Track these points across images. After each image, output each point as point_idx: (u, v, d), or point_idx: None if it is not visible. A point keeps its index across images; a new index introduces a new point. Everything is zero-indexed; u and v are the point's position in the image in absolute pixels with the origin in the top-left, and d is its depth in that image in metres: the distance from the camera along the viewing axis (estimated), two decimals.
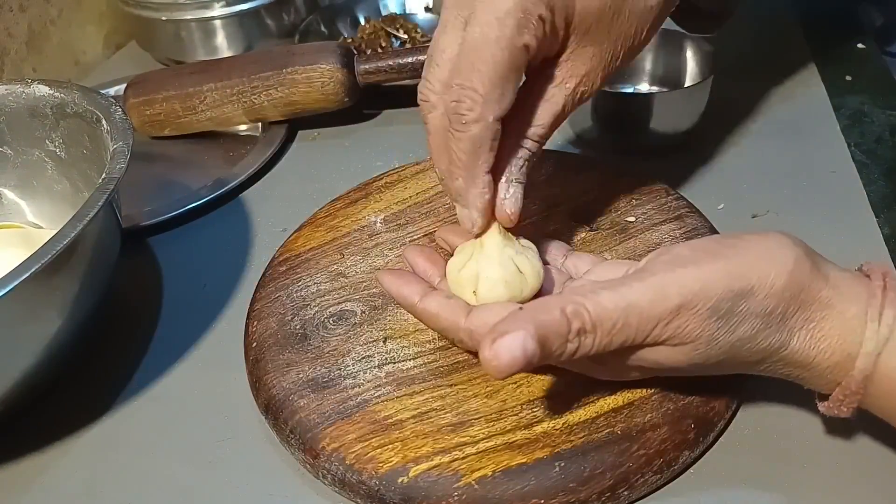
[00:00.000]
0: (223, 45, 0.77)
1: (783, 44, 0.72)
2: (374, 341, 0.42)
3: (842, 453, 0.37)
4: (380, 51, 0.72)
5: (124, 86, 0.67)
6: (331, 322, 0.44)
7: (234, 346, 0.45)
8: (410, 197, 0.52)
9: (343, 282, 0.46)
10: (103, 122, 0.46)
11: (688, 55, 0.60)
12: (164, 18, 0.75)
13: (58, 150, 0.52)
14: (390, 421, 0.37)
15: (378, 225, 0.50)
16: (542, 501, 0.34)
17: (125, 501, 0.39)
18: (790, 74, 0.66)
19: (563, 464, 0.35)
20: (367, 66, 0.62)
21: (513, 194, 0.37)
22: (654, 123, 0.55)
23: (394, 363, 0.41)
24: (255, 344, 0.43)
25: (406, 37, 0.75)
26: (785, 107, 0.62)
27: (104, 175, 0.42)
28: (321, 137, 0.66)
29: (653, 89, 0.62)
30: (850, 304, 0.31)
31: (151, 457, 0.41)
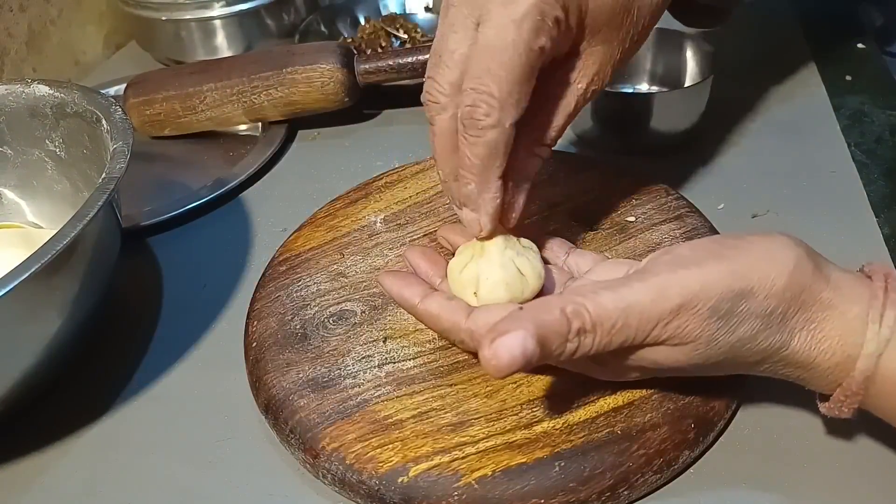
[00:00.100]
0: (223, 45, 0.77)
1: (783, 44, 0.72)
2: (374, 341, 0.42)
3: (842, 453, 0.37)
4: (380, 51, 0.72)
5: (124, 86, 0.67)
6: (331, 322, 0.44)
7: (234, 346, 0.45)
8: (410, 197, 0.52)
9: (343, 282, 0.46)
10: (103, 122, 0.46)
11: (688, 55, 0.60)
12: (164, 18, 0.75)
13: (58, 150, 0.52)
14: (390, 421, 0.37)
15: (378, 225, 0.50)
16: (542, 501, 0.34)
17: (125, 501, 0.39)
18: (790, 74, 0.66)
19: (563, 463, 0.35)
20: (367, 66, 0.62)
21: (517, 199, 0.37)
22: (654, 123, 0.55)
23: (394, 363, 0.41)
24: (255, 344, 0.43)
25: (406, 37, 0.75)
26: (785, 107, 0.62)
27: (104, 175, 0.42)
28: (321, 137, 0.66)
29: (653, 89, 0.62)
30: (851, 305, 0.31)
31: (151, 457, 0.41)
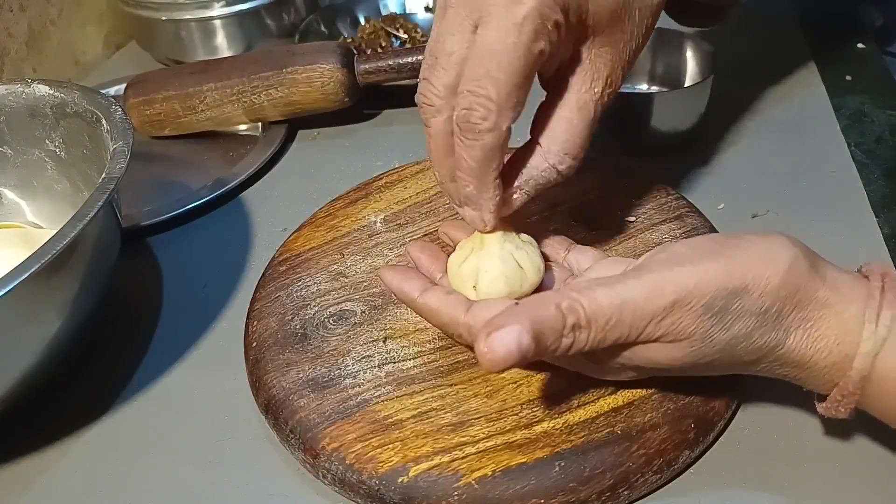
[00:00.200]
0: (223, 45, 0.77)
1: (783, 44, 0.72)
2: (374, 341, 0.42)
3: (842, 453, 0.37)
4: (380, 51, 0.72)
5: (124, 86, 0.67)
6: (331, 322, 0.44)
7: (234, 346, 0.45)
8: (410, 197, 0.52)
9: (343, 281, 0.46)
10: (103, 121, 0.46)
11: (688, 55, 0.60)
12: (164, 18, 0.75)
13: (58, 150, 0.52)
14: (390, 421, 0.37)
15: (378, 225, 0.50)
16: (542, 501, 0.34)
17: (125, 501, 0.39)
18: (790, 74, 0.66)
19: (563, 463, 0.35)
20: (367, 66, 0.62)
21: (516, 200, 0.37)
22: (654, 123, 0.55)
23: (394, 363, 0.41)
24: (255, 344, 0.43)
25: (406, 37, 0.75)
26: (785, 107, 0.62)
27: (104, 175, 0.42)
28: (321, 137, 0.66)
29: (653, 89, 0.62)
30: (848, 305, 0.31)
31: (151, 457, 0.41)
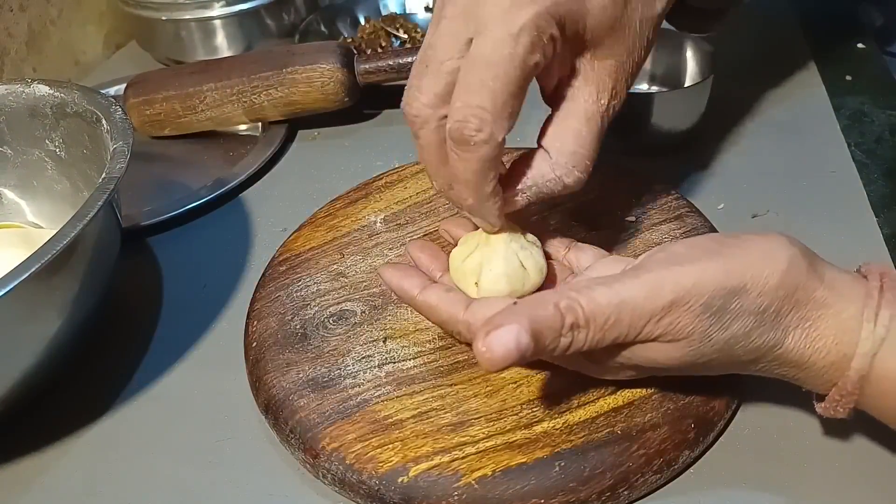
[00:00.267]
0: (223, 45, 0.77)
1: (783, 44, 0.72)
2: (374, 341, 0.42)
3: (842, 453, 0.37)
4: (380, 51, 0.72)
5: (124, 86, 0.67)
6: (331, 322, 0.44)
7: (234, 346, 0.45)
8: (410, 197, 0.52)
9: (343, 281, 0.46)
10: (103, 121, 0.46)
11: (688, 55, 0.60)
12: (164, 18, 0.75)
13: (58, 150, 0.52)
14: (390, 421, 0.37)
15: (378, 225, 0.50)
16: (542, 501, 0.34)
17: (125, 501, 0.39)
18: (790, 74, 0.66)
19: (563, 463, 0.35)
20: (367, 66, 0.62)
21: (517, 202, 0.37)
22: (654, 123, 0.55)
23: (394, 363, 0.41)
24: (255, 344, 0.43)
25: (406, 37, 0.75)
26: (785, 107, 0.62)
27: (104, 175, 0.42)
28: (321, 137, 0.66)
29: (653, 89, 0.62)
30: (846, 304, 0.31)
31: (151, 457, 0.41)
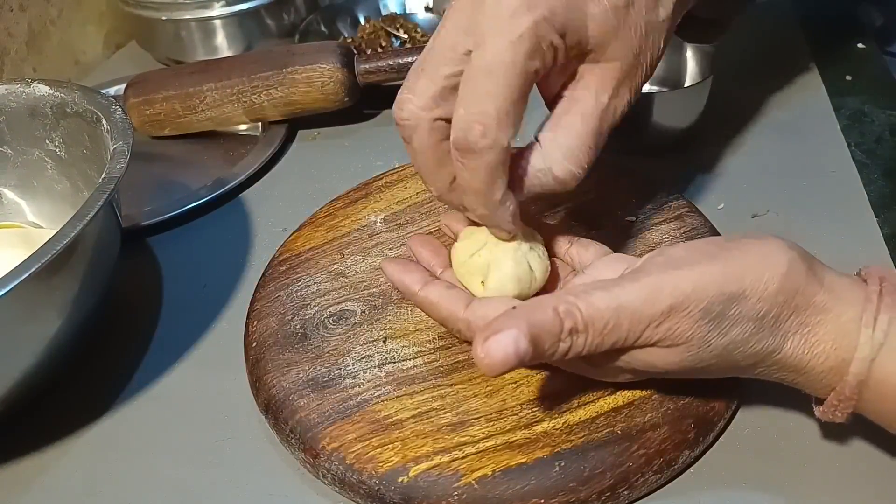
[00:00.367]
0: (223, 45, 0.77)
1: (783, 44, 0.72)
2: (374, 341, 0.42)
3: (842, 453, 0.37)
4: (380, 51, 0.72)
5: (124, 86, 0.67)
6: (331, 322, 0.44)
7: (234, 346, 0.45)
8: (410, 197, 0.52)
9: (343, 281, 0.46)
10: (103, 121, 0.46)
11: (688, 55, 0.60)
12: (164, 18, 0.75)
13: (58, 150, 0.52)
14: (390, 420, 0.37)
15: (378, 225, 0.50)
16: (542, 501, 0.34)
17: (125, 501, 0.39)
18: (790, 74, 0.66)
19: (563, 463, 0.35)
20: (367, 66, 0.62)
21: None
22: (654, 123, 0.55)
23: (394, 363, 0.41)
24: (255, 344, 0.43)
25: (406, 37, 0.75)
26: (785, 107, 0.62)
27: (104, 175, 0.42)
28: (321, 137, 0.66)
29: (653, 89, 0.62)
30: (845, 309, 0.31)
31: (151, 457, 0.41)
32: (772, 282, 0.31)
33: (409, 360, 0.41)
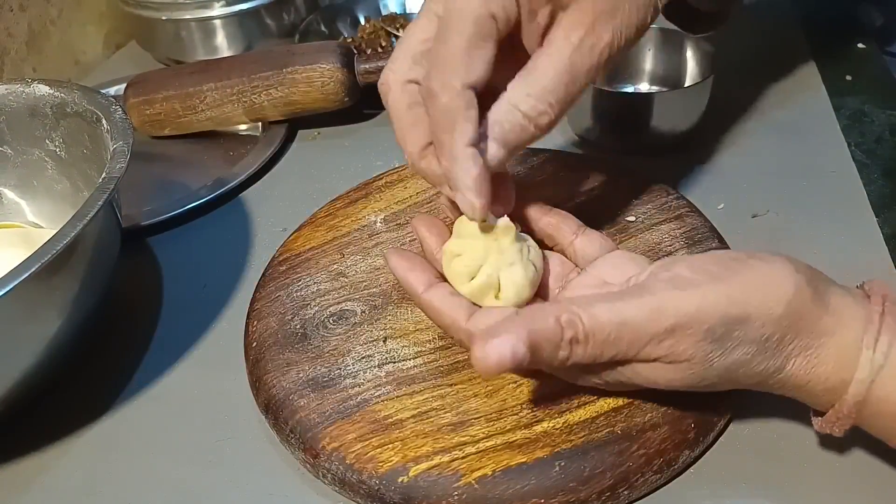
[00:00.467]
0: (223, 45, 0.77)
1: (783, 43, 0.72)
2: (375, 341, 0.42)
3: (841, 454, 0.37)
4: (380, 50, 0.72)
5: (124, 86, 0.67)
6: (331, 322, 0.44)
7: (234, 346, 0.45)
8: (410, 196, 0.52)
9: (343, 281, 0.46)
10: (103, 121, 0.46)
11: (688, 55, 0.60)
12: (164, 18, 0.75)
13: (58, 150, 0.52)
14: (390, 420, 0.37)
15: (378, 224, 0.50)
16: (542, 501, 0.34)
17: (125, 501, 0.39)
18: (790, 74, 0.66)
19: (563, 463, 0.35)
20: (367, 66, 0.62)
21: (490, 155, 0.34)
22: (654, 123, 0.55)
23: (394, 363, 0.41)
24: (255, 344, 0.43)
25: None
26: (785, 107, 0.62)
27: (104, 175, 0.42)
28: (321, 137, 0.66)
29: (653, 89, 0.62)
30: (848, 330, 0.31)
31: (151, 457, 0.41)
32: (777, 306, 0.31)
33: (409, 359, 0.41)
